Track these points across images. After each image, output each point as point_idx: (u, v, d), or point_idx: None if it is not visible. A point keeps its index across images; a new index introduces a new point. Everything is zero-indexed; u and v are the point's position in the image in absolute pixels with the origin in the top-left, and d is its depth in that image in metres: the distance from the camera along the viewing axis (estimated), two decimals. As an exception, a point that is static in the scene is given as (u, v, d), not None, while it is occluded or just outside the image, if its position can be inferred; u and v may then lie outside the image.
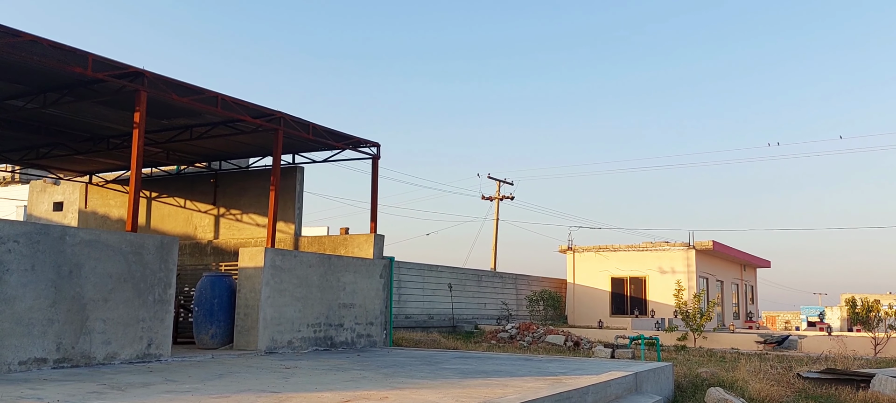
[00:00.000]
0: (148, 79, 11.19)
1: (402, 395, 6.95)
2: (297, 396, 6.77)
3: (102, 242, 9.60)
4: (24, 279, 8.62)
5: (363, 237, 15.67)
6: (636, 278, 33.38)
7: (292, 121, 13.84)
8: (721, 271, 36.26)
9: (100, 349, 9.48)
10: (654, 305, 32.26)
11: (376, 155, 15.94)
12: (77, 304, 9.22)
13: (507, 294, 30.26)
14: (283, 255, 12.86)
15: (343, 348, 13.94)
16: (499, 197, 38.96)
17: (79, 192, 20.35)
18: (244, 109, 13.03)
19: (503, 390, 7.42)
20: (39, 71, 11.13)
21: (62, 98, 12.35)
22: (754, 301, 42.77)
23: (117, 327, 9.71)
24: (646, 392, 9.52)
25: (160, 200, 18.71)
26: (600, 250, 34.25)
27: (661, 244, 33.39)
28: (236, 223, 17.40)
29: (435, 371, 9.60)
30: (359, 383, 7.98)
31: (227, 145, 16.11)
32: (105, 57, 10.63)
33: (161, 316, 10.38)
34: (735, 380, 11.38)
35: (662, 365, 10.80)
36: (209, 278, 12.86)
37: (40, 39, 9.86)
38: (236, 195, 17.50)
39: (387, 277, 15.46)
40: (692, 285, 31.02)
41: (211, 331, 12.55)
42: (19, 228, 8.69)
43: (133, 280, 9.98)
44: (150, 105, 12.15)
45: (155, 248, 10.34)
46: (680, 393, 10.78)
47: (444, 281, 26.40)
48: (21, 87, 12.20)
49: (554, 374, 9.28)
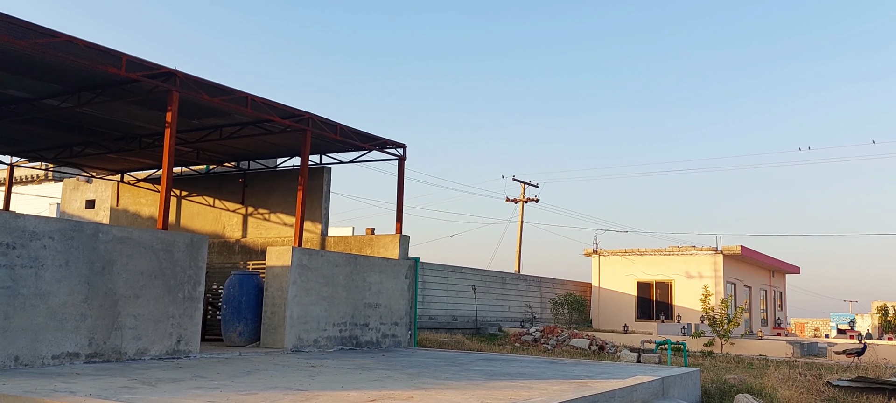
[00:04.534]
0: (180, 79, 11.35)
1: (427, 395, 6.97)
2: (323, 394, 6.83)
3: (134, 239, 9.76)
4: (58, 274, 8.79)
5: (389, 237, 15.74)
6: (662, 282, 33.11)
7: (320, 122, 13.95)
8: (749, 277, 35.83)
9: (130, 344, 9.63)
10: (681, 310, 31.97)
11: (403, 156, 16.00)
12: (109, 300, 9.38)
13: (532, 296, 30.19)
14: (310, 255, 12.96)
15: (368, 348, 14.01)
16: (523, 199, 38.88)
17: (111, 190, 20.67)
18: (273, 110, 13.16)
19: (528, 392, 7.42)
20: (74, 71, 11.33)
21: (96, 97, 12.57)
22: (783, 307, 42.20)
23: (148, 323, 9.86)
24: (673, 397, 9.45)
25: (190, 199, 18.94)
26: (626, 254, 34.02)
27: (688, 248, 33.08)
28: (264, 222, 17.57)
29: (459, 372, 9.62)
30: (384, 383, 8.02)
31: (255, 145, 16.28)
32: (139, 57, 10.80)
33: (190, 312, 10.52)
34: (763, 387, 11.26)
35: (689, 371, 10.72)
36: (237, 276, 13.00)
37: (76, 40, 10.04)
38: (264, 194, 17.68)
39: (412, 278, 15.51)
40: (719, 290, 30.68)
41: (238, 329, 12.69)
42: (54, 225, 8.87)
43: (163, 277, 10.12)
44: (182, 105, 12.32)
45: (185, 246, 10.48)
46: (707, 399, 10.69)
47: (468, 282, 26.40)
48: (56, 87, 12.43)
49: (579, 378, 9.25)
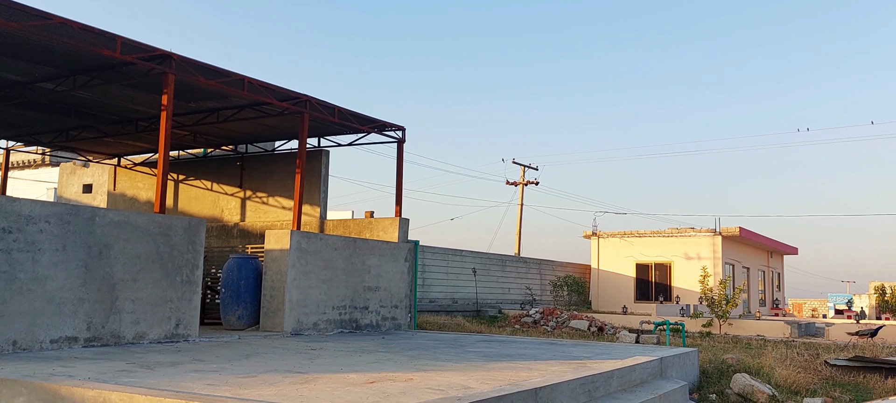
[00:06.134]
0: (175, 61, 11.27)
1: (427, 377, 6.97)
2: (322, 377, 6.82)
3: (131, 223, 9.72)
4: (56, 259, 8.76)
5: (388, 220, 15.71)
6: (661, 264, 33.16)
7: (318, 105, 13.87)
8: (747, 258, 35.88)
9: (129, 328, 9.62)
10: (679, 291, 32.05)
11: (401, 138, 15.94)
12: (107, 284, 9.36)
13: (531, 279, 30.22)
14: (309, 238, 12.94)
15: (368, 330, 14.02)
16: (523, 182, 38.85)
17: (108, 175, 20.61)
18: (270, 92, 13.09)
19: (528, 373, 7.42)
20: (69, 53, 11.25)
21: (91, 80, 12.49)
22: (781, 288, 42.30)
23: (146, 307, 9.85)
24: (671, 377, 9.46)
25: (187, 183, 18.89)
26: (625, 236, 34.05)
27: (687, 230, 33.11)
28: (262, 206, 17.53)
29: (459, 353, 9.62)
30: (384, 365, 8.02)
31: (253, 128, 16.21)
32: (133, 39, 10.72)
33: (189, 296, 10.50)
34: (761, 367, 11.28)
35: (688, 351, 10.73)
36: (236, 260, 12.98)
37: (70, 22, 9.96)
38: (262, 178, 17.63)
39: (411, 261, 15.50)
40: (718, 271, 30.75)
41: (238, 313, 12.68)
42: (50, 209, 8.83)
43: (161, 261, 10.10)
44: (178, 88, 12.25)
45: (183, 230, 10.45)
46: (705, 379, 10.71)
47: (468, 265, 26.42)
48: (51, 70, 12.35)
49: (578, 358, 9.25)
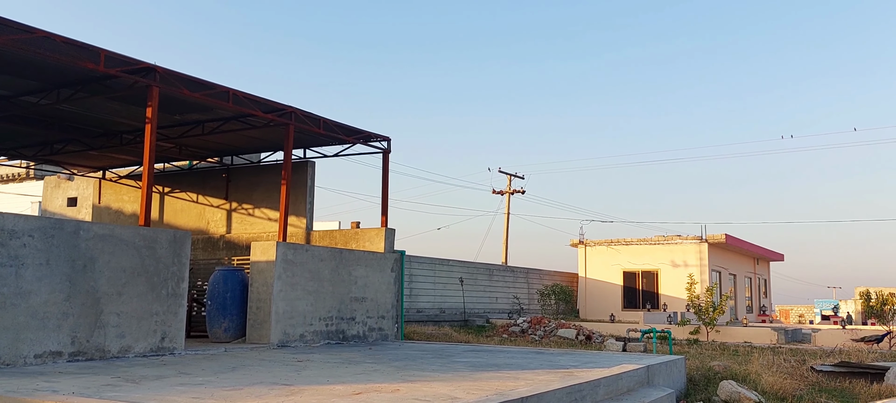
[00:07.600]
0: (159, 74, 11.25)
1: (413, 388, 6.96)
2: (309, 389, 6.80)
3: (116, 236, 9.67)
4: (39, 273, 8.70)
5: (374, 231, 15.70)
6: (648, 272, 33.28)
7: (303, 116, 13.87)
8: (734, 264, 36.08)
9: (114, 342, 9.55)
10: (667, 299, 32.15)
11: (387, 149, 15.96)
12: (91, 298, 9.29)
13: (519, 288, 30.25)
14: (295, 249, 12.91)
15: (355, 341, 13.98)
16: (510, 191, 38.93)
17: (93, 188, 20.49)
18: (255, 104, 13.08)
19: (515, 383, 7.43)
20: (53, 67, 11.20)
21: (75, 94, 12.43)
22: (768, 294, 42.55)
23: (131, 320, 9.79)
24: (658, 385, 9.50)
25: (173, 195, 18.81)
26: (612, 244, 34.16)
27: (673, 237, 33.25)
28: (248, 217, 17.48)
29: (446, 364, 9.61)
30: (371, 376, 8.01)
31: (238, 140, 16.17)
32: (117, 52, 10.69)
33: (174, 309, 10.45)
34: (748, 373, 11.34)
35: (674, 359, 10.77)
36: (222, 272, 12.93)
37: (53, 35, 9.92)
38: (248, 190, 17.58)
39: (398, 271, 15.49)
40: (704, 279, 30.89)
41: (224, 325, 12.62)
42: (34, 223, 8.77)
43: (146, 274, 10.05)
44: (163, 100, 12.21)
45: (168, 242, 10.40)
46: (692, 387, 10.75)
47: (455, 275, 26.41)
48: (35, 83, 12.28)
49: (565, 367, 9.27)
